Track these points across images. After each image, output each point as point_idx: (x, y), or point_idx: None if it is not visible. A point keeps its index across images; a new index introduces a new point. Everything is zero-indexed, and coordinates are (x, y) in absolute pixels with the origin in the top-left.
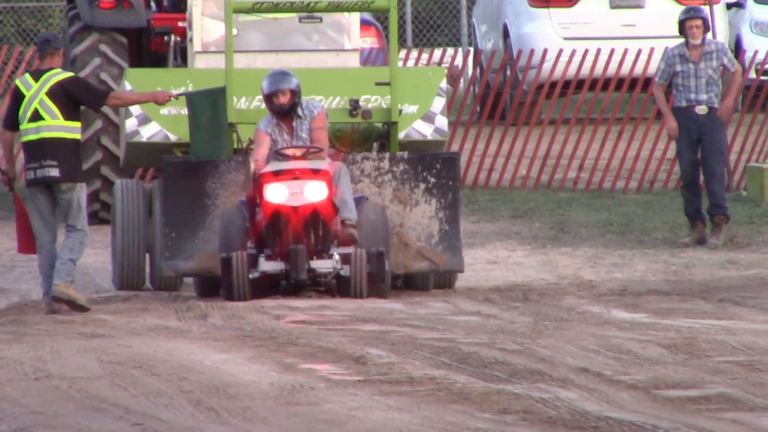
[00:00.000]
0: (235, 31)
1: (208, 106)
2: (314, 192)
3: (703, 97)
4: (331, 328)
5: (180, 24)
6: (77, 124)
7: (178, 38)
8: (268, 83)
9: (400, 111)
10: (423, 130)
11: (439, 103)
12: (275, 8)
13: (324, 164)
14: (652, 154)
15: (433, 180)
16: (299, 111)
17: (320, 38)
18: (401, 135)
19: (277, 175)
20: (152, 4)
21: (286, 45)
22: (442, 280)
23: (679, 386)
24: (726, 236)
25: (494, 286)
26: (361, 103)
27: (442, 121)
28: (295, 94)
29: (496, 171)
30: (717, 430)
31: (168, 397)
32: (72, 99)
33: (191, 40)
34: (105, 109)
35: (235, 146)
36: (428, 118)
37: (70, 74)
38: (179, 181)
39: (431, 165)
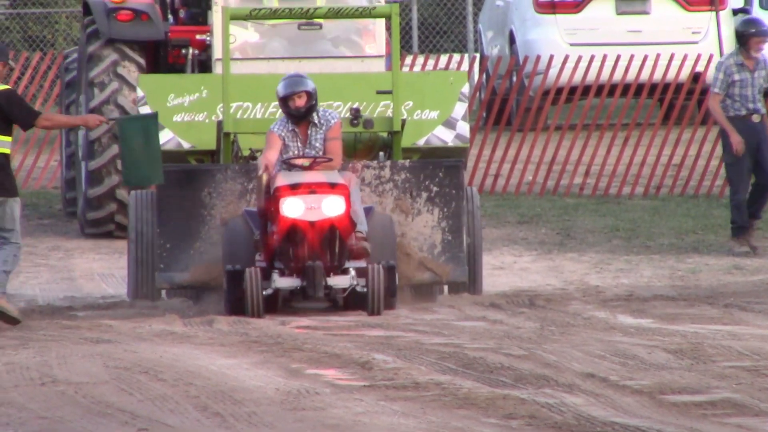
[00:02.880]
0: (232, 39)
1: (139, 131)
2: (332, 207)
3: (759, 105)
4: (337, 334)
5: (198, 37)
6: (9, 139)
7: (196, 51)
8: (284, 85)
9: (404, 120)
10: (444, 136)
11: (460, 109)
12: (273, 15)
13: (341, 178)
14: (658, 159)
15: (435, 189)
16: (315, 118)
17: (345, 45)
18: (421, 141)
19: (294, 188)
20: (170, 16)
21: (309, 52)
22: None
23: (685, 391)
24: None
25: (500, 292)
26: (363, 113)
27: (464, 127)
28: (312, 96)
29: (502, 177)
30: None
31: (174, 402)
32: (3, 113)
33: (212, 46)
34: (122, 101)
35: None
36: (449, 124)
37: (6, 87)
38: (174, 190)
39: (434, 173)
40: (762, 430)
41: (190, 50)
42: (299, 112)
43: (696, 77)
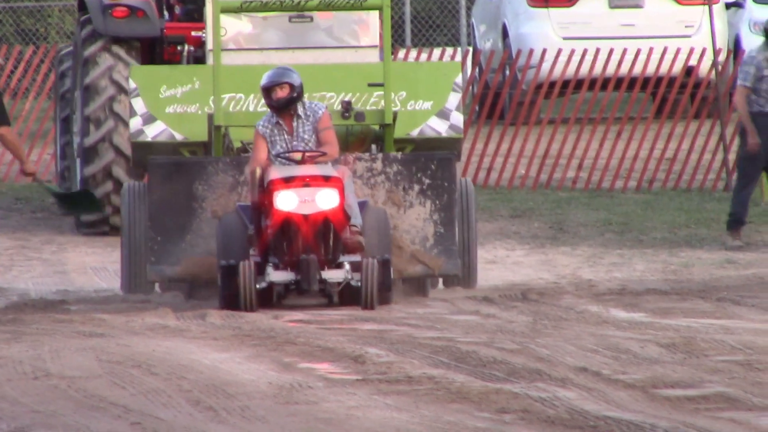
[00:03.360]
0: (223, 32)
1: (77, 207)
2: (326, 200)
3: None
4: (330, 328)
5: (193, 33)
6: None
7: (192, 47)
8: (267, 77)
9: (395, 113)
10: (437, 127)
11: (454, 99)
12: (264, 7)
13: (335, 171)
14: (651, 153)
15: (427, 181)
16: (300, 110)
17: (339, 35)
18: (415, 132)
19: (288, 181)
20: (165, 13)
21: (303, 42)
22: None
23: (678, 385)
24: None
25: (493, 286)
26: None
27: (458, 118)
28: (294, 88)
29: (495, 170)
30: (715, 429)
31: (167, 396)
32: None
33: (206, 38)
34: (117, 108)
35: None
36: (443, 114)
37: None
38: (165, 182)
39: (426, 166)
40: (755, 424)
41: (186, 47)
42: (279, 103)
43: (689, 71)
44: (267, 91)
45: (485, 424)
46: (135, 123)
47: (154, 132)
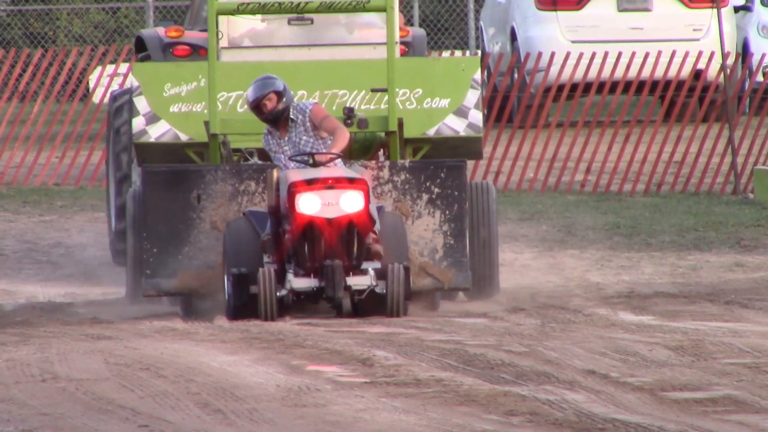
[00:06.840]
0: (220, 35)
1: None
2: (350, 202)
3: None
4: (338, 330)
5: None
6: None
7: None
8: (252, 91)
9: (400, 120)
10: (455, 125)
11: (473, 97)
12: (262, 9)
13: (359, 173)
14: (659, 156)
15: (437, 190)
16: (292, 113)
17: (358, 32)
18: (431, 131)
19: (310, 183)
20: None
21: (319, 39)
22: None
23: (686, 388)
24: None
25: (501, 288)
26: (356, 112)
27: (477, 116)
28: (281, 95)
29: (503, 174)
30: None
31: (175, 398)
32: None
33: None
34: None
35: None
36: (461, 112)
37: None
38: (161, 192)
39: (435, 174)
40: (763, 427)
41: None
42: (274, 116)
43: (697, 74)
44: (257, 107)
45: (493, 426)
46: (138, 123)
47: (158, 132)
